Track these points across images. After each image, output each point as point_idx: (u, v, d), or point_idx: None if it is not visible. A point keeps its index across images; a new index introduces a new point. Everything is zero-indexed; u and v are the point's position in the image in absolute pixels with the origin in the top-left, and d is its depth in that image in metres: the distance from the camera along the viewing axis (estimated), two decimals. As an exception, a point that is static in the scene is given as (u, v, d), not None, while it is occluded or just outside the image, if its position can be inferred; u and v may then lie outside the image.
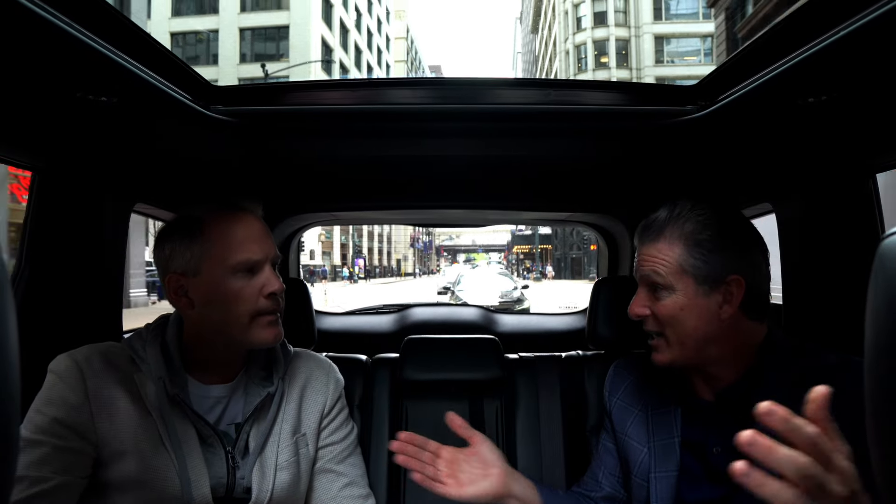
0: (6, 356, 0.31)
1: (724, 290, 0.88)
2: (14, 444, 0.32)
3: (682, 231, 0.90)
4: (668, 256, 0.90)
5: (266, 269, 0.94)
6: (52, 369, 0.88)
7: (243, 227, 0.94)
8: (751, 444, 0.51)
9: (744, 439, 0.51)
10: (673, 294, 0.89)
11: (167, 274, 0.94)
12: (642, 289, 0.94)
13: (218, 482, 0.91)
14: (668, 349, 0.91)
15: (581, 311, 2.25)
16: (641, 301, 0.93)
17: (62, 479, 0.81)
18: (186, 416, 0.91)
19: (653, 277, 0.91)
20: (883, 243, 0.38)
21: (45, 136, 0.98)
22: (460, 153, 1.16)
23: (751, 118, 0.90)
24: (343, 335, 2.12)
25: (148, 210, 1.43)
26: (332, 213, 1.85)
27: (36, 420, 0.84)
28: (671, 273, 0.89)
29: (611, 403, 1.10)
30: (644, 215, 1.00)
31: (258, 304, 0.92)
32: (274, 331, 0.94)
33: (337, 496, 1.02)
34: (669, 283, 0.89)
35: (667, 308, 0.89)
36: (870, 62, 0.68)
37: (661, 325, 0.91)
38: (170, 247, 0.94)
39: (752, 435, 0.52)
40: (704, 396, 0.95)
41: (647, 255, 0.93)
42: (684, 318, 0.88)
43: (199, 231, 0.93)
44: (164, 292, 0.95)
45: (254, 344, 0.94)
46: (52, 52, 0.65)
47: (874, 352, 0.39)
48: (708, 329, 0.88)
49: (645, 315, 0.93)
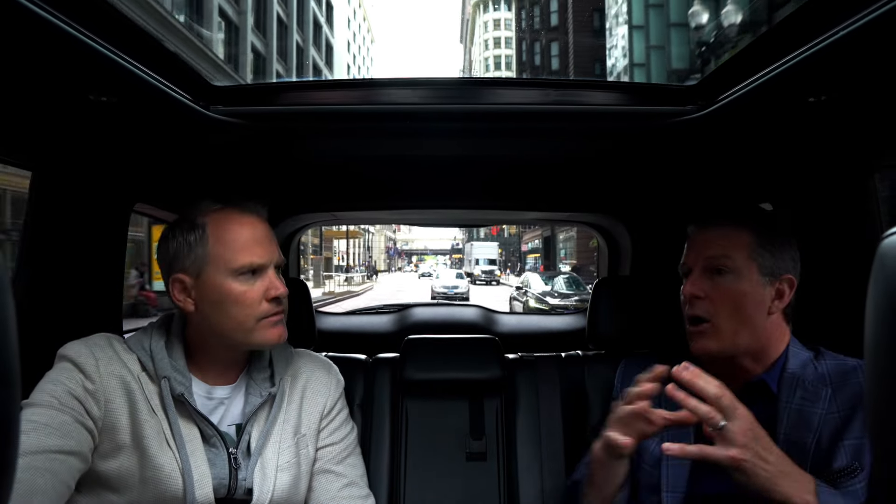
0: (6, 356, 0.31)
1: (778, 287, 0.92)
2: (15, 442, 0.32)
3: (755, 221, 0.94)
4: (740, 241, 0.92)
5: (269, 272, 0.93)
6: (67, 356, 0.88)
7: (248, 229, 0.93)
8: (682, 371, 0.77)
9: (677, 370, 0.77)
10: (738, 279, 0.91)
11: (171, 274, 0.93)
12: (699, 271, 0.94)
13: (220, 483, 0.91)
14: (716, 337, 0.92)
15: (581, 310, 2.25)
16: (699, 283, 0.93)
17: (77, 447, 0.81)
18: (190, 416, 0.91)
19: (721, 260, 0.92)
20: (883, 243, 0.38)
21: (45, 136, 0.98)
22: (460, 153, 1.16)
23: (750, 118, 0.90)
24: (343, 335, 2.12)
25: (148, 210, 1.43)
26: (331, 213, 1.85)
27: (55, 392, 0.83)
28: (741, 258, 0.91)
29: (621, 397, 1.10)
30: (644, 215, 1.01)
31: (261, 307, 0.92)
32: (278, 331, 0.94)
33: (336, 497, 1.02)
34: (738, 268, 0.91)
35: (730, 292, 0.91)
36: (869, 62, 0.68)
37: (715, 310, 0.91)
38: (174, 247, 0.93)
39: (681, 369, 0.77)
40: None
41: (716, 238, 0.94)
42: (744, 305, 0.90)
43: (204, 232, 0.92)
44: (168, 292, 0.95)
45: (257, 344, 0.94)
46: (51, 51, 0.65)
47: (874, 351, 0.39)
48: (758, 321, 0.91)
49: (700, 297, 0.93)
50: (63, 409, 0.82)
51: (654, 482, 0.97)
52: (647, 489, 0.99)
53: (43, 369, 0.88)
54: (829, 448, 0.84)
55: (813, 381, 0.89)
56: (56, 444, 0.79)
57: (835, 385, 0.88)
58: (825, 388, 0.88)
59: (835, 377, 0.88)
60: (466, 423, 1.40)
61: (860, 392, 0.85)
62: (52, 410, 0.81)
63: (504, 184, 1.51)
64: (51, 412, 0.81)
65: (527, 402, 1.40)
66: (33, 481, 0.74)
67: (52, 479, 0.76)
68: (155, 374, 0.91)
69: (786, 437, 0.87)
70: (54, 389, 0.84)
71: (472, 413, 1.41)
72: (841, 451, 0.83)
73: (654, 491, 0.97)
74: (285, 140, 1.09)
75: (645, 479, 1.00)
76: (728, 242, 0.93)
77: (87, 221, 1.15)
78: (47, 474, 0.76)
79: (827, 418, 0.86)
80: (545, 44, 33.26)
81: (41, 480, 0.74)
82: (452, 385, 1.44)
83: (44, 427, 0.79)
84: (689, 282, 0.95)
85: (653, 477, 0.98)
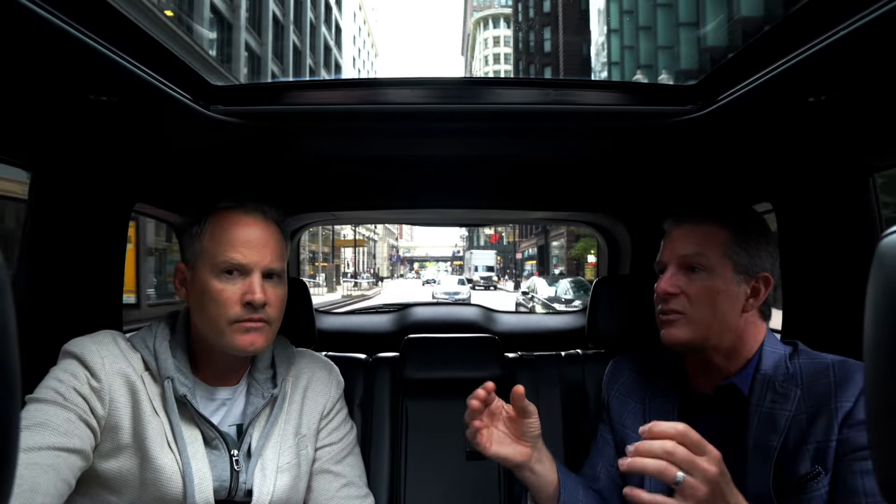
0: (6, 355, 0.31)
1: (753, 285, 0.91)
2: (15, 439, 0.32)
3: (731, 219, 0.93)
4: (715, 239, 0.92)
5: (254, 276, 0.90)
6: (73, 352, 0.87)
7: (241, 229, 0.92)
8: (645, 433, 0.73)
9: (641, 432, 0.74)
10: (712, 277, 0.91)
11: (178, 262, 0.95)
12: (674, 268, 0.95)
13: (221, 485, 0.90)
14: (688, 327, 0.92)
15: (581, 309, 2.25)
16: (674, 280, 0.93)
17: (80, 444, 0.81)
18: (192, 418, 0.91)
19: (695, 258, 0.92)
20: (882, 242, 0.38)
21: (45, 136, 0.98)
22: (461, 153, 1.16)
23: (750, 118, 0.90)
24: (342, 335, 2.12)
25: (148, 209, 1.43)
26: (331, 212, 1.85)
27: (58, 388, 0.83)
28: (716, 256, 0.91)
29: (609, 396, 1.12)
30: (644, 215, 1.01)
31: (234, 309, 0.88)
32: (249, 338, 0.89)
33: (335, 496, 1.02)
34: (712, 266, 0.91)
35: (703, 289, 0.91)
36: (869, 62, 0.68)
37: (689, 305, 0.92)
38: (186, 237, 0.95)
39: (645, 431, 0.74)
40: (702, 389, 0.97)
41: (692, 234, 0.94)
42: (717, 302, 0.90)
43: (205, 227, 0.92)
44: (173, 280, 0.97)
45: (228, 348, 0.90)
46: (51, 51, 0.65)
47: (874, 351, 0.39)
48: (731, 318, 0.91)
49: (674, 294, 0.93)
50: (67, 407, 0.82)
51: (638, 483, 0.97)
52: (631, 479, 0.99)
53: (43, 368, 0.88)
54: (794, 451, 0.83)
55: (783, 381, 0.88)
56: (59, 441, 0.78)
57: (805, 385, 0.86)
58: (795, 388, 0.86)
59: (806, 377, 0.87)
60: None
61: (827, 391, 0.83)
62: (56, 407, 0.81)
63: (504, 183, 1.51)
64: (55, 409, 0.81)
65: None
66: (36, 479, 0.73)
67: (54, 477, 0.75)
68: (158, 374, 0.91)
69: (755, 442, 0.87)
70: (59, 386, 0.83)
71: None
72: (805, 454, 0.82)
73: (638, 482, 0.98)
74: (285, 140, 1.08)
75: (630, 479, 0.99)
76: (703, 240, 0.92)
77: (87, 221, 1.15)
78: (50, 471, 0.75)
79: (794, 419, 0.85)
80: (539, 68, 40.08)
81: (44, 478, 0.74)
82: (452, 384, 1.44)
83: (47, 424, 0.79)
84: (663, 278, 0.95)
85: (635, 477, 0.98)
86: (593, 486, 1.07)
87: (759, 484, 0.84)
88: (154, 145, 1.07)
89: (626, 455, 1.00)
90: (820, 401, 0.84)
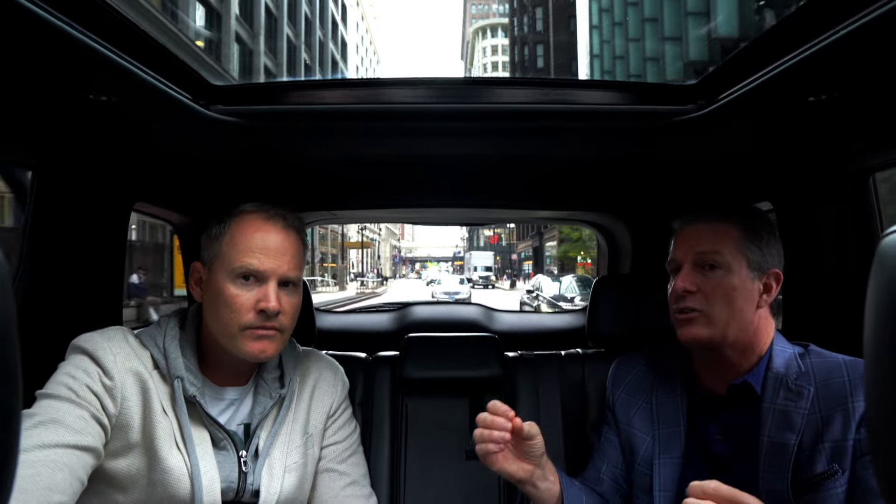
0: (7, 355, 0.31)
1: (765, 282, 0.93)
2: (16, 440, 0.32)
3: (742, 216, 0.94)
4: (729, 236, 0.93)
5: (269, 284, 0.89)
6: (85, 348, 0.86)
7: (261, 235, 0.91)
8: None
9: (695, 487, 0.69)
10: (728, 274, 0.92)
11: (195, 262, 0.95)
12: (690, 266, 0.95)
13: (228, 486, 0.90)
14: (707, 324, 0.92)
15: (581, 309, 2.25)
16: (691, 277, 0.94)
17: (92, 442, 0.80)
18: (200, 419, 0.90)
19: (711, 255, 0.93)
20: (882, 242, 0.38)
21: (45, 136, 0.98)
22: (461, 152, 1.16)
23: (750, 117, 0.90)
24: (342, 334, 2.12)
25: (148, 209, 1.43)
26: (331, 212, 1.85)
27: (71, 385, 0.82)
28: (731, 253, 0.92)
29: (614, 397, 1.11)
30: (644, 214, 1.01)
31: (247, 316, 0.88)
32: (259, 345, 0.89)
33: (339, 495, 1.02)
34: (727, 263, 0.92)
35: (720, 286, 0.91)
36: (870, 62, 0.68)
37: (707, 303, 0.92)
38: (206, 236, 0.95)
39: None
40: (712, 388, 0.97)
41: (706, 232, 0.95)
42: (734, 299, 0.91)
43: (226, 229, 0.92)
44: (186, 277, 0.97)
45: (238, 353, 0.90)
46: (51, 51, 0.65)
47: (874, 351, 0.39)
48: (747, 314, 0.92)
49: (692, 292, 0.93)
50: (80, 404, 0.81)
51: (647, 483, 0.98)
52: (641, 490, 1.00)
53: (43, 366, 0.88)
54: (810, 449, 0.84)
55: (796, 379, 0.89)
56: (73, 439, 0.78)
57: (818, 384, 0.87)
58: (809, 386, 0.87)
59: (819, 375, 0.88)
60: (466, 421, 1.40)
61: (842, 391, 0.84)
62: (69, 404, 0.80)
63: (504, 183, 1.51)
64: (68, 406, 0.80)
65: (526, 400, 1.40)
66: (53, 476, 0.73)
67: (69, 475, 0.75)
68: (168, 373, 0.90)
69: (769, 440, 0.87)
70: (72, 383, 0.82)
71: (471, 411, 1.41)
72: (821, 453, 0.83)
73: (647, 492, 0.98)
74: (285, 139, 1.08)
75: (639, 480, 1.01)
76: (717, 237, 0.93)
77: (88, 220, 1.15)
78: (66, 469, 0.75)
79: (809, 418, 0.85)
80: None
81: (60, 476, 0.74)
82: (452, 383, 1.45)
83: (61, 421, 0.78)
84: (679, 277, 0.95)
85: (646, 478, 0.99)
86: (596, 489, 1.07)
87: (775, 481, 0.85)
88: (154, 145, 1.07)
89: (634, 455, 1.02)
90: (835, 400, 0.84)
